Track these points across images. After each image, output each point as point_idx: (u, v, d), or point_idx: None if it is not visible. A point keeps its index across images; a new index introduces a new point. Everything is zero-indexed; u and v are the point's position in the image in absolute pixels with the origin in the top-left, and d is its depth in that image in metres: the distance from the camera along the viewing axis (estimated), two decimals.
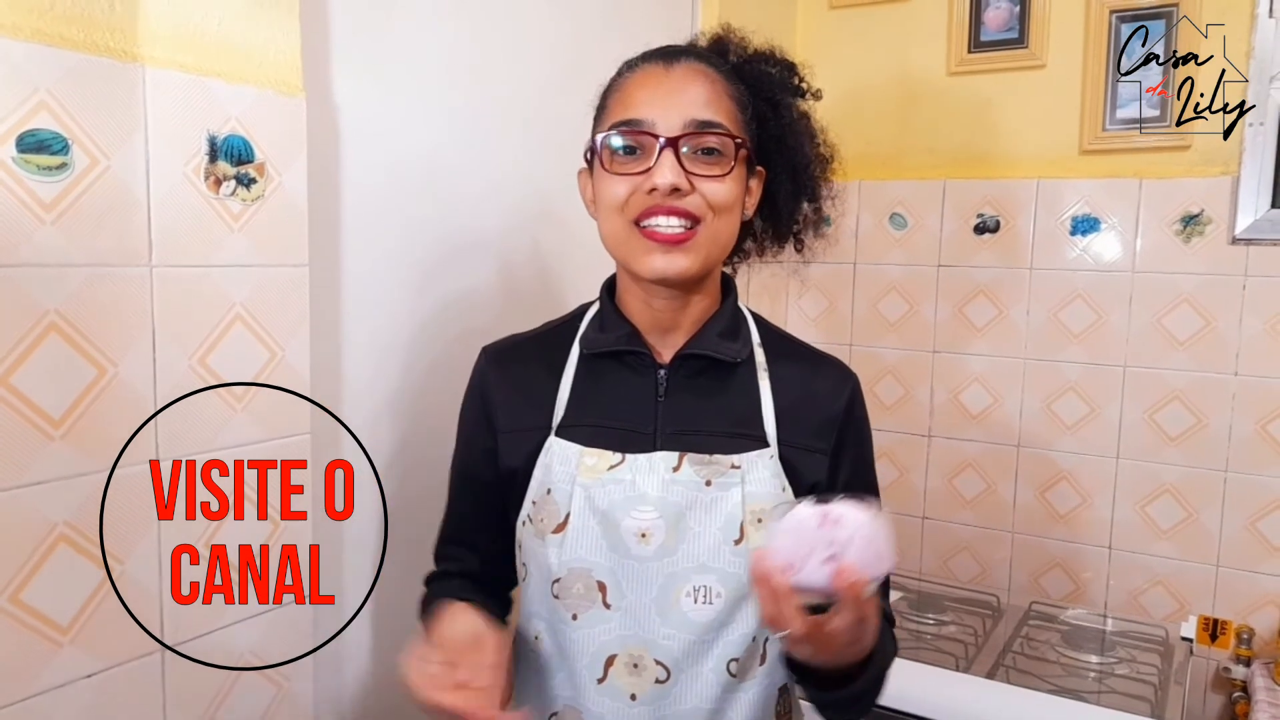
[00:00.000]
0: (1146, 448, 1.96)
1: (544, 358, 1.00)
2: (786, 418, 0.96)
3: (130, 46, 0.85)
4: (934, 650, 1.74)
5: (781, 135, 0.97)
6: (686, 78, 0.90)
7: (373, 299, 1.19)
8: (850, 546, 0.71)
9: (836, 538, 0.71)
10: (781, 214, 1.01)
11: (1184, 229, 1.89)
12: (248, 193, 0.96)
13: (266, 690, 1.03)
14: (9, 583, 0.80)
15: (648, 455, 0.92)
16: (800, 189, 1.00)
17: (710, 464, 0.92)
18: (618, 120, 0.90)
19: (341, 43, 1.11)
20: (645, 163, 0.88)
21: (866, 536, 0.71)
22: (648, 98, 0.89)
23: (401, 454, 1.24)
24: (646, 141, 0.88)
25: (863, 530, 0.71)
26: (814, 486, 0.96)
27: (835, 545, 0.71)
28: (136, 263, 0.87)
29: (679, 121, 0.87)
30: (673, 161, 0.86)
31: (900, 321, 2.21)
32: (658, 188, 0.86)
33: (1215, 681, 1.92)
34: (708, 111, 0.88)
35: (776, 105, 0.96)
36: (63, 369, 0.82)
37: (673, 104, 0.88)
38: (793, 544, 0.72)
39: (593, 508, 0.92)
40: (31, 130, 0.78)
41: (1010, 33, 2.02)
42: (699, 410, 0.95)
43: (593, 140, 0.93)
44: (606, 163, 0.90)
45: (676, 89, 0.89)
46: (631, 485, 0.91)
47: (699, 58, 0.93)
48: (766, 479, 0.92)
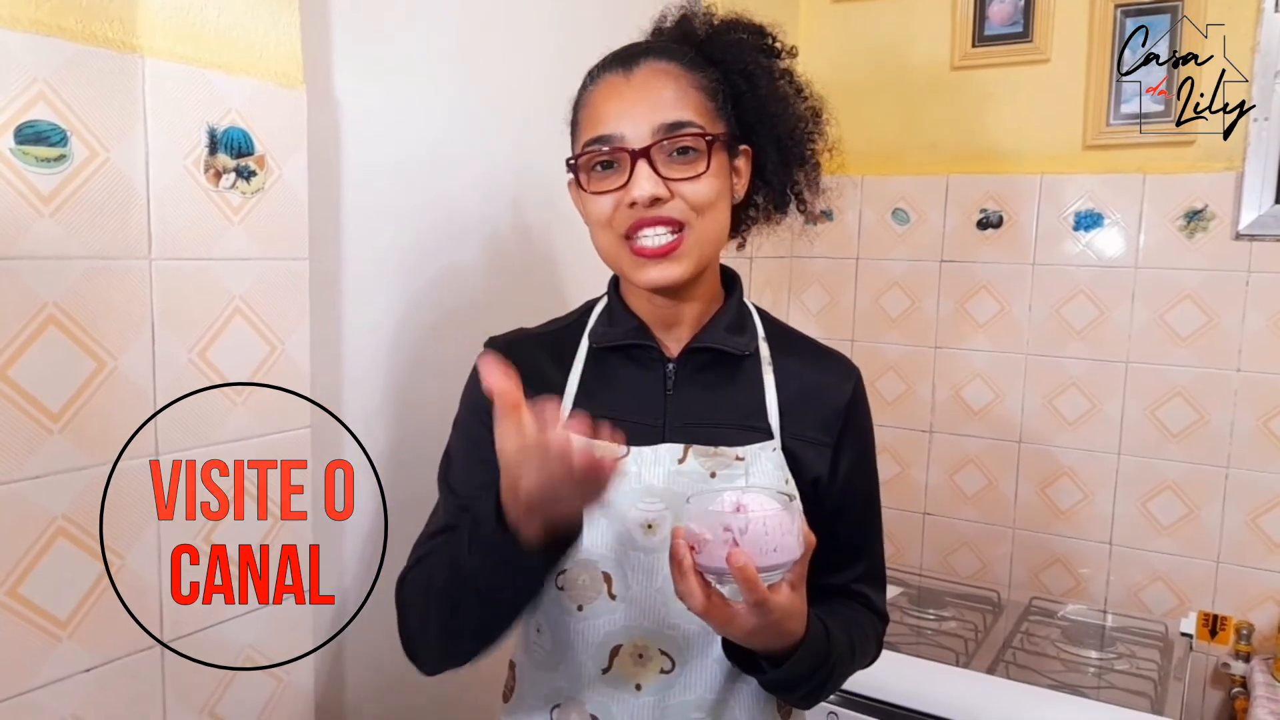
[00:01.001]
0: (1148, 444, 1.96)
1: (551, 352, 1.00)
2: (790, 410, 0.96)
3: (129, 37, 0.85)
4: (934, 645, 1.74)
5: (760, 106, 0.95)
6: (648, 81, 0.89)
7: (373, 292, 1.19)
8: (745, 534, 0.74)
9: (735, 523, 0.74)
10: (774, 185, 1.00)
11: (1187, 224, 1.89)
12: (248, 185, 0.95)
13: (266, 684, 1.03)
14: (7, 576, 0.79)
15: (653, 447, 0.92)
16: (789, 157, 0.98)
17: (715, 456, 0.92)
18: (588, 138, 0.89)
19: (342, 35, 1.10)
20: (621, 177, 0.87)
21: (765, 526, 0.74)
22: (613, 111, 0.88)
23: (402, 448, 1.23)
24: (619, 156, 0.87)
25: (762, 519, 0.74)
26: (816, 480, 0.96)
27: (732, 530, 0.74)
28: (136, 255, 0.86)
29: (647, 129, 0.87)
30: (648, 172, 0.86)
31: (902, 317, 2.20)
32: (637, 201, 0.86)
33: (1215, 677, 1.93)
34: (675, 111, 0.87)
35: (750, 76, 0.94)
36: (62, 362, 0.81)
37: (638, 112, 0.87)
38: (699, 526, 0.76)
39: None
40: (30, 122, 0.77)
41: (1014, 27, 2.01)
42: (706, 403, 0.95)
43: (569, 160, 0.93)
44: (585, 183, 0.90)
45: (639, 96, 0.88)
46: (637, 477, 0.91)
47: (659, 54, 0.91)
48: (770, 470, 0.93)
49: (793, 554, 0.76)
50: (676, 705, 0.91)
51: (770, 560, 0.75)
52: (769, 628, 0.78)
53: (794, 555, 0.76)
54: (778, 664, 0.84)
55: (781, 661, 0.83)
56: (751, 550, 0.74)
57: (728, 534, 0.74)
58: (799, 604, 0.80)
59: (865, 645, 0.98)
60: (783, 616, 0.78)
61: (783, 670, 0.83)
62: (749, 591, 0.74)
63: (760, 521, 0.74)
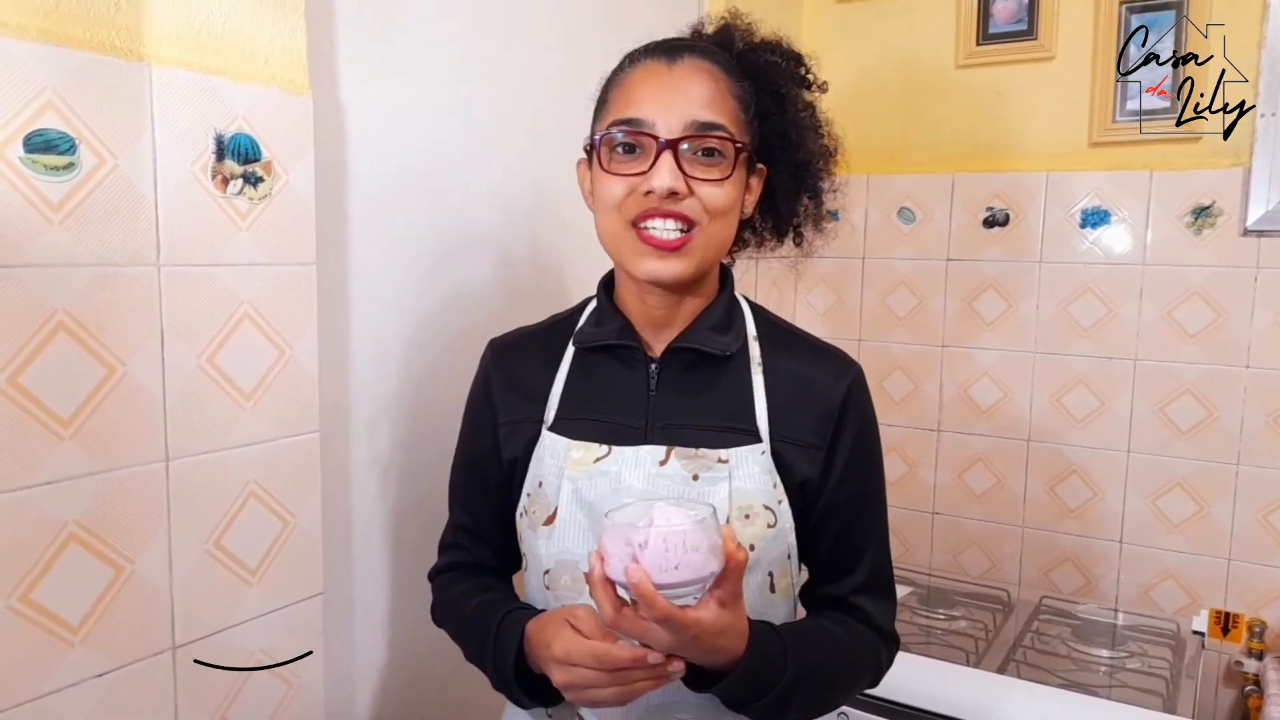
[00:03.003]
0: (1157, 441, 1.95)
1: (543, 351, 1.01)
2: (780, 412, 0.94)
3: (136, 46, 0.85)
4: (944, 645, 1.73)
5: (784, 131, 0.95)
6: (689, 76, 0.88)
7: (380, 296, 1.19)
8: (645, 549, 0.71)
9: (635, 539, 0.72)
10: (781, 211, 1.00)
11: (1195, 221, 1.88)
12: (255, 191, 0.96)
13: (277, 688, 1.03)
14: (20, 582, 0.80)
15: (634, 448, 0.92)
16: (801, 186, 0.99)
17: (697, 458, 0.91)
18: (617, 118, 0.89)
19: (347, 41, 1.11)
20: (644, 163, 0.87)
21: (666, 543, 0.71)
22: (649, 96, 0.88)
23: (409, 450, 1.24)
24: (645, 142, 0.87)
25: (664, 535, 0.71)
26: (804, 483, 0.94)
27: (632, 545, 0.72)
28: (144, 262, 0.87)
29: (679, 122, 0.86)
30: (671, 164, 0.85)
31: (909, 316, 2.20)
32: (655, 190, 0.85)
33: (1227, 675, 1.91)
34: (709, 112, 0.87)
35: (781, 99, 0.95)
36: (71, 369, 0.82)
37: (674, 104, 0.87)
38: (607, 537, 0.74)
39: (580, 500, 0.92)
40: (39, 130, 0.78)
41: (1019, 24, 2.01)
42: (690, 404, 0.94)
43: (592, 135, 0.92)
44: (605, 161, 0.89)
45: (678, 88, 0.88)
46: (617, 478, 0.91)
47: (702, 54, 0.91)
48: (756, 474, 0.91)
49: (699, 571, 0.72)
50: (666, 704, 0.91)
51: (671, 578, 0.71)
52: (690, 644, 0.75)
53: (701, 573, 0.72)
54: (713, 677, 0.81)
55: (711, 676, 0.81)
56: (650, 567, 0.71)
57: (628, 549, 0.72)
58: (730, 621, 0.76)
59: (856, 665, 0.94)
60: (706, 634, 0.75)
61: (721, 688, 0.81)
62: (648, 608, 0.72)
63: (660, 538, 0.71)
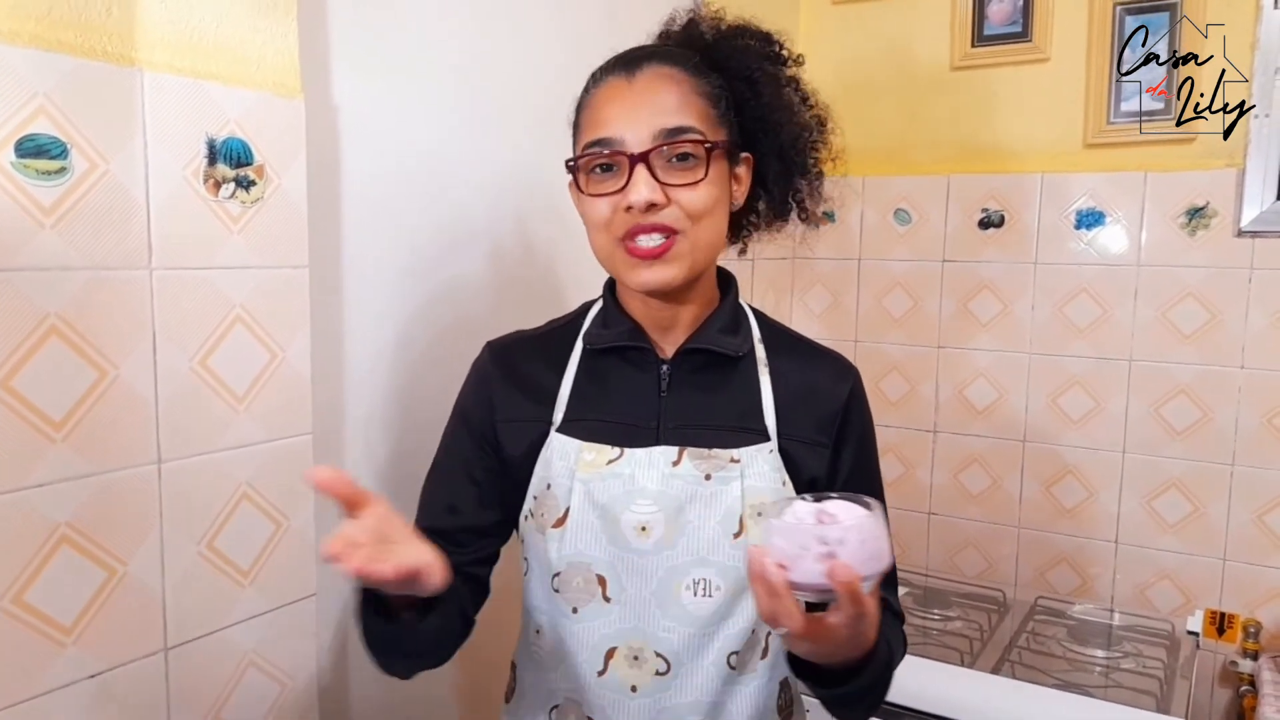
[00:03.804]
0: (1152, 442, 1.95)
1: (547, 354, 1.01)
2: (787, 412, 0.96)
3: (128, 51, 0.86)
4: (940, 645, 1.74)
5: (763, 114, 0.95)
6: (650, 85, 0.89)
7: (373, 299, 1.19)
8: (844, 545, 0.70)
9: (830, 536, 0.70)
10: (774, 193, 1.00)
11: (1189, 222, 1.88)
12: (247, 195, 0.96)
13: (270, 689, 1.04)
14: (12, 584, 0.80)
15: (647, 450, 0.93)
16: (790, 167, 0.98)
17: (710, 458, 0.92)
18: (588, 140, 0.90)
19: (340, 44, 1.11)
20: (620, 180, 0.87)
21: (861, 534, 0.70)
22: (614, 114, 0.89)
23: (402, 453, 1.24)
24: (618, 160, 0.88)
25: (858, 528, 0.70)
26: (813, 480, 0.96)
27: (829, 543, 0.70)
28: (136, 266, 0.87)
29: (647, 133, 0.87)
30: (646, 177, 0.86)
31: (905, 317, 2.20)
32: (633, 205, 0.86)
33: (1222, 675, 1.92)
34: (676, 117, 0.87)
35: (754, 83, 0.94)
36: (64, 372, 0.82)
37: (639, 117, 0.87)
38: (788, 542, 0.71)
39: (592, 502, 0.92)
40: (30, 135, 0.78)
41: (1014, 26, 2.01)
42: (701, 405, 0.95)
43: (569, 161, 0.93)
44: (583, 185, 0.91)
45: (641, 100, 0.88)
46: (631, 479, 0.91)
47: (663, 59, 0.91)
48: (766, 473, 0.93)
49: (888, 559, 0.72)
50: (673, 708, 0.92)
51: (871, 569, 0.70)
52: (856, 639, 0.75)
53: (889, 560, 0.72)
54: (851, 672, 0.82)
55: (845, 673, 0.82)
56: (853, 562, 0.69)
57: (824, 548, 0.70)
58: (876, 609, 0.76)
59: (897, 646, 0.97)
60: (873, 625, 0.75)
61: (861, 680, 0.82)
62: (854, 605, 0.70)
63: (856, 530, 0.70)
